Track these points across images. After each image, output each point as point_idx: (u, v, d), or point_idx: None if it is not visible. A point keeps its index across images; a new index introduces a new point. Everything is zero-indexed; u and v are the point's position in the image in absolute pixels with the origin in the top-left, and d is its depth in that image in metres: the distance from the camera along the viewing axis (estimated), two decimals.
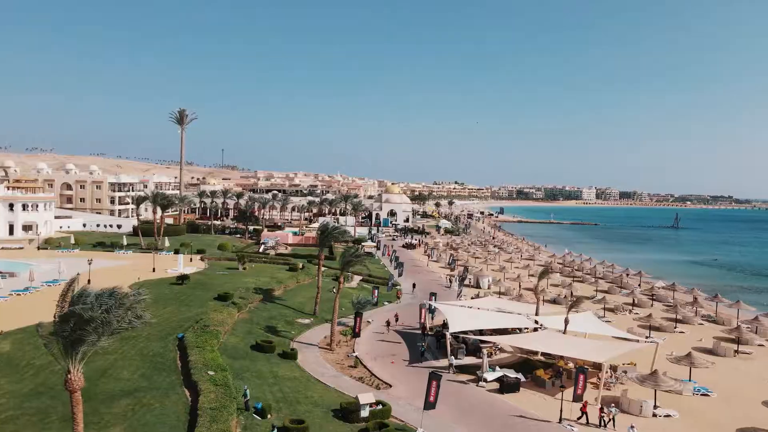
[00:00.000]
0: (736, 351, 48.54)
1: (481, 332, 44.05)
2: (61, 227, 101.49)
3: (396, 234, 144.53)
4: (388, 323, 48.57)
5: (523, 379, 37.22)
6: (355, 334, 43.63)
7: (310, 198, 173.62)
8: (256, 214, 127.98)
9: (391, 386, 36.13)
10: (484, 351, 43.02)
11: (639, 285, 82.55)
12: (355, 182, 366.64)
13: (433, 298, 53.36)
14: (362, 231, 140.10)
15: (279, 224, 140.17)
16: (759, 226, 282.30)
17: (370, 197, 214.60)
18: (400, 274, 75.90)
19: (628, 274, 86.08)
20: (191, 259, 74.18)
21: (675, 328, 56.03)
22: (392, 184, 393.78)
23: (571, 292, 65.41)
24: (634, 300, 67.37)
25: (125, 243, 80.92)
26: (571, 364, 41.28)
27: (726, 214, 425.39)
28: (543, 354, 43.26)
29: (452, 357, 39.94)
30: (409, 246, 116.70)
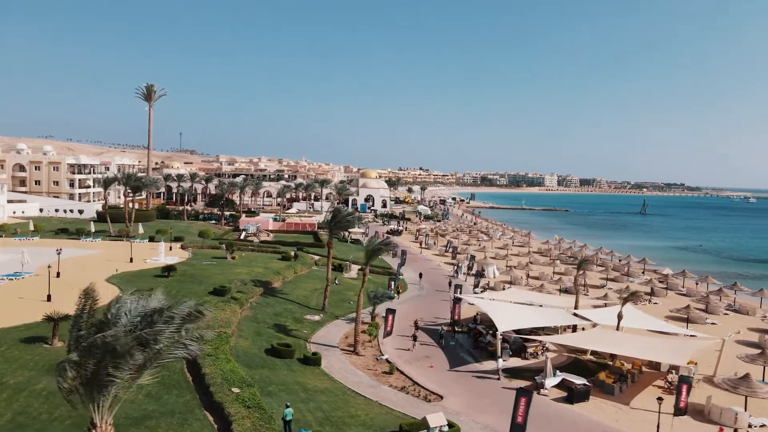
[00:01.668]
0: None
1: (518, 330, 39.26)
2: (14, 212, 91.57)
3: (376, 220, 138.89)
4: (416, 324, 42.51)
5: (586, 384, 32.46)
6: (386, 333, 37.98)
7: (283, 183, 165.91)
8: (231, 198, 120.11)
9: (442, 397, 30.79)
10: (530, 351, 38.31)
11: (643, 272, 79.75)
12: (321, 167, 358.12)
13: (459, 290, 48.24)
14: None
15: (253, 210, 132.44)
16: (719, 213, 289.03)
17: (341, 182, 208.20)
18: (402, 263, 70.48)
19: (629, 262, 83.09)
20: (170, 247, 66.73)
21: (706, 320, 52.60)
22: (360, 170, 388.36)
23: (627, 286, 61.08)
24: (652, 289, 63.90)
25: (93, 230, 72.55)
26: (627, 365, 36.93)
27: (683, 200, 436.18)
28: (592, 353, 38.84)
29: (501, 359, 34.84)
30: (395, 232, 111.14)
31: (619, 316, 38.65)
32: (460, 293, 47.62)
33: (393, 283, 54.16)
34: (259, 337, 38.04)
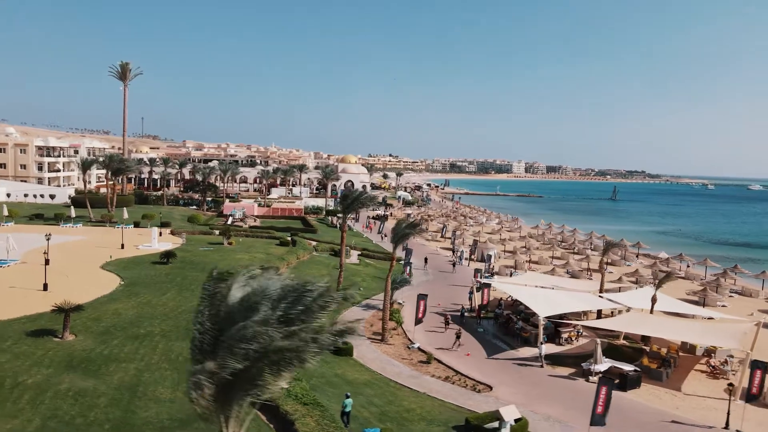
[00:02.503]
0: None
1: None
2: None
3: None
4: (446, 320, 40.12)
5: (636, 370, 31.18)
6: (418, 320, 35.95)
7: (260, 168, 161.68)
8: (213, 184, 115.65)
9: (491, 388, 29.05)
10: (564, 336, 36.96)
11: (637, 256, 79.92)
12: (292, 153, 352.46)
13: (479, 275, 46.61)
14: (317, 201, 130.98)
15: (232, 195, 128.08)
16: (685, 199, 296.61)
17: (317, 168, 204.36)
18: (409, 252, 68.50)
19: (627, 246, 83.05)
20: (160, 233, 63.01)
21: (717, 303, 52.42)
22: (329, 156, 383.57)
23: (659, 269, 60.16)
24: (655, 272, 63.61)
25: (73, 215, 68.01)
26: (663, 349, 35.97)
27: (647, 187, 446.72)
28: (625, 337, 37.77)
29: (542, 346, 33.28)
30: (381, 218, 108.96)
31: (653, 300, 37.61)
32: (481, 278, 45.88)
33: (409, 267, 52.12)
34: None
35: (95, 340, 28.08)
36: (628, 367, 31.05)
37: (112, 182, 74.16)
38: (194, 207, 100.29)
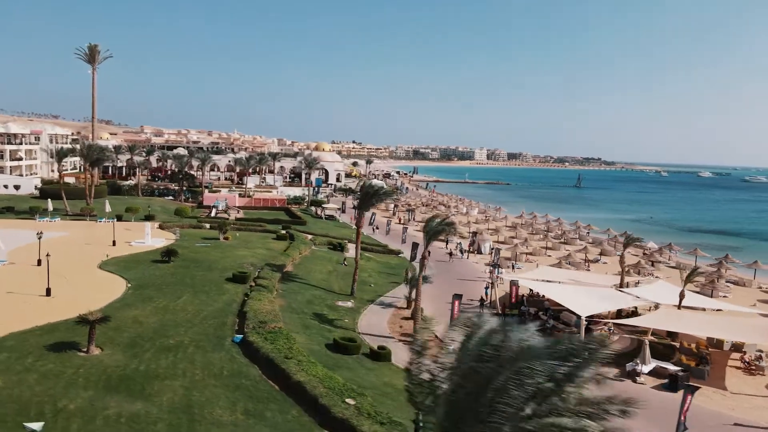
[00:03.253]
0: None
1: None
2: None
3: (334, 195, 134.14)
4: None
5: (684, 371, 30.81)
6: (453, 321, 34.63)
7: (232, 156, 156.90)
8: (167, 171, 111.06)
9: None
10: (595, 334, 36.34)
11: (625, 247, 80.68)
12: (257, 140, 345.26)
13: (496, 270, 45.69)
14: (293, 191, 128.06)
15: (205, 185, 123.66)
16: (645, 186, 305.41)
17: (286, 155, 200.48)
18: (403, 241, 67.25)
19: (616, 236, 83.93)
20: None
21: (720, 294, 53.22)
22: (293, 142, 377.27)
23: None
24: (652, 263, 64.40)
25: (50, 208, 63.69)
26: (692, 345, 35.94)
27: (606, 174, 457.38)
28: (653, 334, 37.56)
29: None
30: None
31: (681, 295, 37.52)
32: (498, 274, 44.98)
33: (427, 263, 50.56)
34: (309, 330, 33.76)
35: (125, 354, 25.71)
36: (672, 367, 30.71)
37: (90, 173, 69.65)
38: (171, 198, 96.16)
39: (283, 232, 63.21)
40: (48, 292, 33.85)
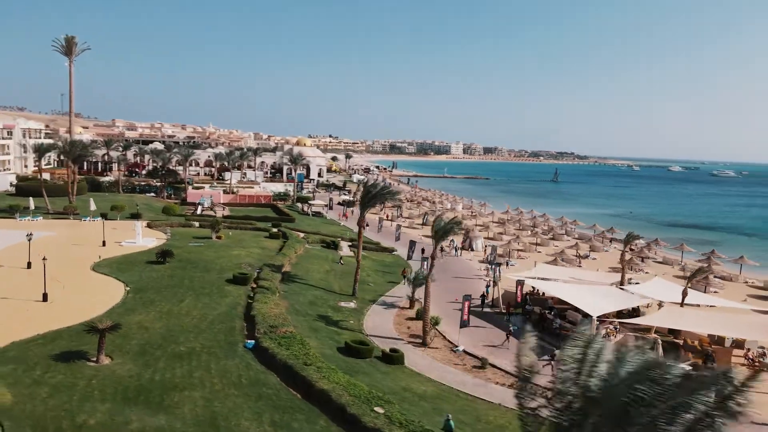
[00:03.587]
0: None
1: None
2: None
3: (317, 190, 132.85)
4: (509, 334, 35.49)
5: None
6: (463, 323, 34.39)
7: (212, 151, 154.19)
8: (145, 167, 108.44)
9: None
10: (602, 333, 36.49)
11: (610, 241, 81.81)
12: (233, 134, 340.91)
13: (498, 269, 45.55)
14: (276, 187, 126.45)
15: (187, 181, 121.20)
16: (619, 180, 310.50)
17: (266, 150, 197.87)
18: (397, 239, 66.72)
19: (603, 233, 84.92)
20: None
21: (711, 289, 54.12)
22: (269, 137, 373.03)
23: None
24: (642, 259, 65.23)
25: (32, 206, 61.42)
26: (695, 342, 36.41)
27: (580, 168, 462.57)
28: (658, 332, 37.94)
29: None
30: (349, 203, 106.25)
31: (684, 293, 37.95)
32: (499, 271, 44.87)
33: (426, 263, 50.23)
34: (318, 333, 33.12)
35: (136, 363, 24.74)
36: (683, 366, 30.91)
37: (71, 169, 67.29)
38: (153, 194, 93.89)
39: (275, 230, 62.17)
40: (45, 298, 32.50)
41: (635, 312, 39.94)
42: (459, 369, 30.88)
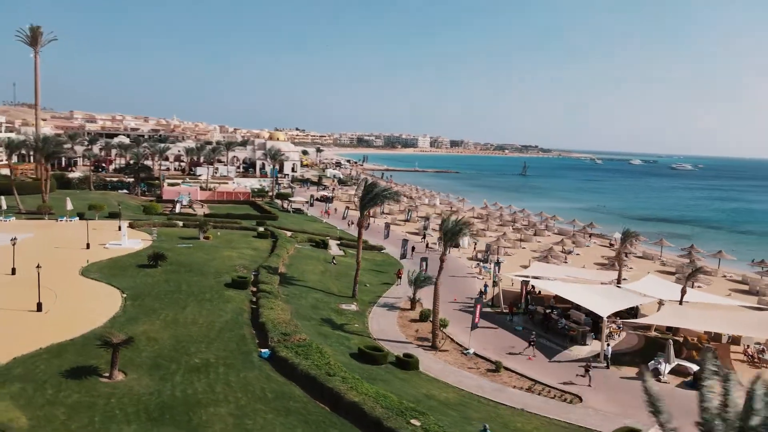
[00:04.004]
0: None
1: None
2: None
3: (292, 186, 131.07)
4: (532, 343, 34.41)
5: (696, 367, 31.64)
6: (474, 325, 34.14)
7: (182, 145, 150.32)
8: (112, 162, 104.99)
9: (581, 399, 28.08)
10: (607, 332, 36.92)
11: (590, 236, 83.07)
12: (199, 127, 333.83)
13: (497, 268, 45.54)
14: (251, 182, 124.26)
15: (158, 177, 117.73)
16: (586, 174, 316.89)
17: (237, 144, 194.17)
18: (386, 236, 66.12)
19: (584, 228, 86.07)
20: (119, 227, 55.84)
21: (697, 284, 55.35)
22: (236, 129, 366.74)
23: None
24: (626, 254, 66.29)
25: (4, 206, 58.44)
26: (693, 339, 37.17)
27: (546, 162, 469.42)
28: (657, 330, 38.61)
29: (609, 346, 32.86)
30: (327, 199, 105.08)
31: (683, 291, 38.66)
32: (499, 270, 44.83)
33: (425, 263, 49.86)
34: (327, 339, 32.37)
35: (152, 378, 23.61)
36: (688, 364, 31.52)
37: (44, 167, 64.21)
38: (125, 191, 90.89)
39: (262, 229, 60.84)
40: (39, 307, 30.81)
41: (633, 310, 40.50)
42: (473, 372, 30.68)
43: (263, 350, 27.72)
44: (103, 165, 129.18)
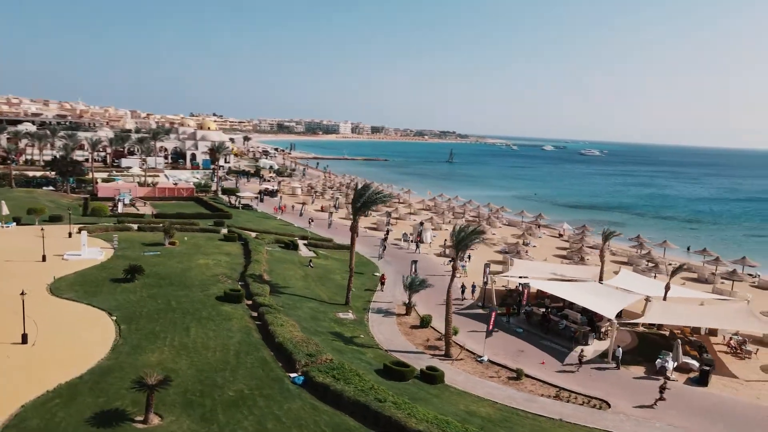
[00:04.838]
0: None
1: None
2: None
3: (228, 177, 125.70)
4: (581, 360, 33.55)
5: (709, 364, 33.16)
6: (488, 333, 33.89)
7: (103, 134, 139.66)
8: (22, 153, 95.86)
9: (609, 405, 28.65)
10: (602, 330, 38.13)
11: (539, 227, 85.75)
12: (109, 112, 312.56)
13: (488, 269, 45.66)
14: (183, 175, 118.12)
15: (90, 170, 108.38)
16: (507, 160, 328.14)
17: (163, 132, 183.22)
18: (329, 225, 64.59)
19: (535, 219, 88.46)
20: (70, 234, 50.82)
21: (659, 275, 58.38)
22: (149, 115, 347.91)
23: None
24: (581, 247, 69.00)
25: None
26: (678, 333, 39.27)
27: (466, 148, 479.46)
28: (644, 326, 40.31)
29: (619, 348, 33.74)
30: (271, 193, 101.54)
31: (667, 287, 40.54)
32: (489, 272, 45.04)
33: (414, 266, 49.00)
34: (344, 354, 30.99)
35: (192, 419, 21.47)
36: (693, 361, 33.14)
37: None
38: (51, 188, 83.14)
39: (226, 231, 57.66)
40: (24, 339, 27.20)
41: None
42: (496, 382, 30.56)
43: (293, 375, 26.07)
44: (12, 157, 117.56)
